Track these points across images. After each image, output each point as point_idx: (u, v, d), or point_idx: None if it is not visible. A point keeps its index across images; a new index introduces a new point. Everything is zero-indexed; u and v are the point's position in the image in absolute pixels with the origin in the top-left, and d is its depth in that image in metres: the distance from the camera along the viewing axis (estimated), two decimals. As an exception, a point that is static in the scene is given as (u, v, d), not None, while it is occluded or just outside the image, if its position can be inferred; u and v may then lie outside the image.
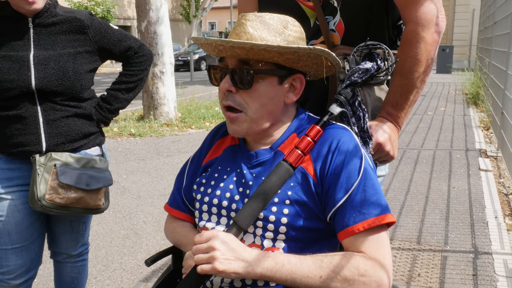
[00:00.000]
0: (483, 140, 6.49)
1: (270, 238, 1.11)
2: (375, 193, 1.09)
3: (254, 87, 1.13)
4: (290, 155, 1.12)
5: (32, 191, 1.74)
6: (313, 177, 1.12)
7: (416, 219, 3.71)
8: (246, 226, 1.09)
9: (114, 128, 7.56)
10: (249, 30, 1.13)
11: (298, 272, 1.02)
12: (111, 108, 1.95)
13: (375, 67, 1.29)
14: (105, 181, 1.89)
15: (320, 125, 1.17)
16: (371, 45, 1.34)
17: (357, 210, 1.07)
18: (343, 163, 1.10)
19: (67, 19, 1.81)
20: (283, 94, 1.17)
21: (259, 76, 1.13)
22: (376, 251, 1.05)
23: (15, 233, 1.79)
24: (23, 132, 1.75)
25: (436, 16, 1.38)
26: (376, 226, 1.06)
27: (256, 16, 1.15)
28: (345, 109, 1.26)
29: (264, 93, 1.14)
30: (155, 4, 7.64)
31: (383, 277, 1.03)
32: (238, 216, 1.09)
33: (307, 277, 1.02)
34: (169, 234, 1.35)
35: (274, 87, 1.15)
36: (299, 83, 1.19)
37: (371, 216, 1.06)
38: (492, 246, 3.20)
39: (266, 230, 1.11)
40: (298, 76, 1.18)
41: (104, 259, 3.16)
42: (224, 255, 1.02)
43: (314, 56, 1.14)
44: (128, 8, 28.15)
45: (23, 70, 1.71)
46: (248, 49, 1.08)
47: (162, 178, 5.04)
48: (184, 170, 1.36)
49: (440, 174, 4.91)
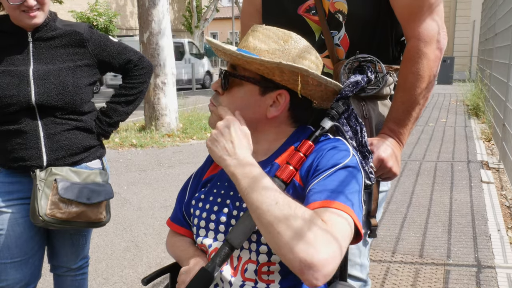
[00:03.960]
0: (485, 151, 6.48)
1: (264, 252, 1.11)
2: (342, 184, 1.06)
3: (231, 91, 1.18)
4: (282, 171, 1.12)
5: (33, 206, 1.73)
6: (299, 182, 1.13)
7: (418, 232, 3.68)
8: (238, 245, 1.08)
9: (115, 138, 7.56)
10: (249, 39, 1.19)
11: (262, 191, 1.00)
12: (110, 121, 1.95)
13: (365, 80, 1.28)
14: (106, 194, 1.88)
15: (311, 140, 1.17)
16: (361, 58, 1.34)
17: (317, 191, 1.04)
18: (327, 160, 1.11)
19: (66, 32, 1.81)
20: (264, 106, 1.18)
21: (236, 81, 1.17)
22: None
23: (14, 247, 1.78)
24: (23, 147, 1.74)
25: (438, 33, 1.39)
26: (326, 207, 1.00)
27: (263, 28, 1.19)
28: (338, 123, 1.25)
29: (239, 98, 1.18)
30: (157, 15, 7.69)
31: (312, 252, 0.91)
32: (230, 234, 1.09)
33: (265, 195, 0.98)
34: (170, 248, 1.34)
35: (254, 96, 1.17)
36: (284, 99, 1.18)
37: (322, 198, 1.02)
38: (495, 259, 3.17)
39: (260, 244, 1.11)
40: (284, 92, 1.18)
41: (104, 272, 3.14)
42: (221, 141, 1.09)
43: (289, 72, 1.11)
44: (131, 18, 28.32)
45: (22, 85, 1.70)
46: (229, 55, 1.15)
47: (163, 189, 5.02)
48: (186, 185, 1.36)
49: (442, 186, 4.89)
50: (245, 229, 1.08)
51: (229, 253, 1.09)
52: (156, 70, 7.78)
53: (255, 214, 0.99)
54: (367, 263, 1.57)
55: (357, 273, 1.52)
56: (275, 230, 0.94)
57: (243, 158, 1.06)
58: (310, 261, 0.90)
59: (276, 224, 0.95)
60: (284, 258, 0.94)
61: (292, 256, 0.91)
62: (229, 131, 1.10)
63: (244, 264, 1.13)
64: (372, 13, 1.42)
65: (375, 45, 1.44)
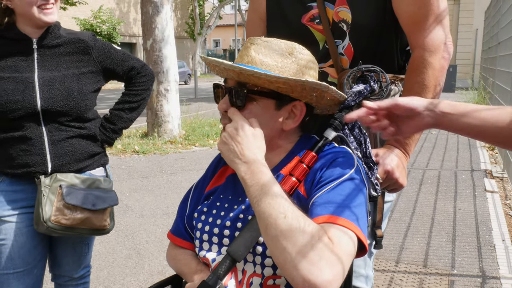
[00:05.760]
0: (488, 160, 6.45)
1: (269, 265, 1.09)
2: (347, 198, 1.04)
3: (248, 107, 1.13)
4: (285, 183, 1.10)
5: (37, 213, 1.72)
6: (304, 193, 1.11)
7: (422, 242, 3.66)
8: (239, 257, 1.07)
9: (117, 145, 7.56)
10: (251, 53, 1.14)
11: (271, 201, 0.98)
12: (115, 128, 1.97)
13: (368, 89, 1.26)
14: (111, 201, 1.88)
15: (314, 151, 1.15)
16: (365, 68, 1.33)
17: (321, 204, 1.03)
18: (332, 171, 1.09)
19: (70, 40, 1.82)
20: (280, 120, 1.16)
21: (252, 97, 1.12)
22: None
23: (17, 257, 1.77)
24: (28, 153, 1.74)
25: (444, 43, 1.38)
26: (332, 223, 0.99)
27: (263, 40, 1.15)
28: (342, 133, 1.23)
29: (257, 115, 1.13)
30: (160, 23, 7.72)
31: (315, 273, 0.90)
32: (231, 246, 1.07)
33: (273, 208, 0.97)
34: (171, 261, 1.32)
35: (270, 111, 1.14)
36: (300, 110, 1.16)
37: (327, 213, 1.01)
38: (500, 270, 3.14)
39: (265, 257, 1.09)
40: (299, 103, 1.16)
41: (106, 280, 3.11)
42: (230, 143, 1.08)
43: (310, 88, 1.12)
44: (134, 25, 28.47)
45: (28, 91, 1.71)
46: (238, 73, 1.09)
47: (165, 196, 5.01)
48: (187, 197, 1.34)
49: (445, 195, 4.86)
50: (246, 241, 1.06)
51: (230, 266, 1.07)
52: (159, 77, 7.79)
53: (263, 224, 0.98)
54: (372, 274, 1.55)
55: (362, 285, 1.50)
56: (282, 245, 0.93)
57: (252, 161, 1.04)
58: (313, 282, 0.89)
59: (282, 238, 0.93)
60: (287, 273, 0.93)
61: (296, 274, 0.91)
62: (237, 132, 1.08)
63: (249, 278, 1.11)
64: (376, 22, 1.41)
65: (379, 54, 1.43)
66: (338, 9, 1.41)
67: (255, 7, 1.62)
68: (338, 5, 1.41)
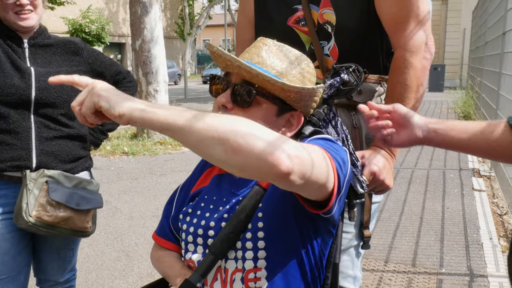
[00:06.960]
0: (476, 159, 6.51)
1: (250, 258, 1.09)
2: (329, 146, 1.03)
3: (252, 108, 1.09)
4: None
5: (19, 207, 1.70)
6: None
7: (411, 241, 3.68)
8: (220, 253, 1.07)
9: (106, 146, 7.51)
10: (262, 54, 1.12)
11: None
12: (102, 129, 2.01)
13: (338, 80, 1.25)
14: (96, 203, 1.88)
15: None
16: (335, 65, 1.31)
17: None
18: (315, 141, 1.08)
19: (61, 41, 1.89)
20: (278, 128, 1.14)
21: (260, 99, 1.09)
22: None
23: (1, 263, 1.74)
24: (14, 147, 1.73)
25: (425, 43, 1.39)
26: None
27: (275, 44, 1.15)
28: (327, 132, 1.22)
29: (259, 117, 1.08)
30: (149, 23, 7.68)
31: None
32: (212, 244, 1.08)
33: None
34: (155, 263, 1.31)
35: (271, 117, 1.12)
36: (297, 120, 1.16)
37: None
38: (487, 268, 3.17)
39: (245, 250, 1.09)
40: (297, 113, 1.15)
41: (94, 283, 3.09)
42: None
43: (313, 100, 1.13)
44: (123, 25, 28.29)
45: (25, 79, 1.73)
46: (254, 75, 1.06)
47: (154, 198, 4.98)
48: (173, 198, 1.33)
49: (434, 194, 4.90)
50: (226, 236, 1.07)
51: (212, 263, 1.07)
52: (148, 77, 7.76)
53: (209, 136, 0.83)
54: (360, 275, 1.56)
55: (350, 285, 1.50)
56: (248, 140, 0.82)
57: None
58: (270, 151, 0.81)
59: (247, 136, 0.82)
60: (245, 163, 0.83)
61: (253, 156, 0.81)
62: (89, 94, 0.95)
63: (231, 275, 1.11)
64: (361, 24, 1.42)
65: (364, 56, 1.44)
66: (322, 11, 1.42)
67: (245, 11, 1.63)
68: (322, 7, 1.42)
